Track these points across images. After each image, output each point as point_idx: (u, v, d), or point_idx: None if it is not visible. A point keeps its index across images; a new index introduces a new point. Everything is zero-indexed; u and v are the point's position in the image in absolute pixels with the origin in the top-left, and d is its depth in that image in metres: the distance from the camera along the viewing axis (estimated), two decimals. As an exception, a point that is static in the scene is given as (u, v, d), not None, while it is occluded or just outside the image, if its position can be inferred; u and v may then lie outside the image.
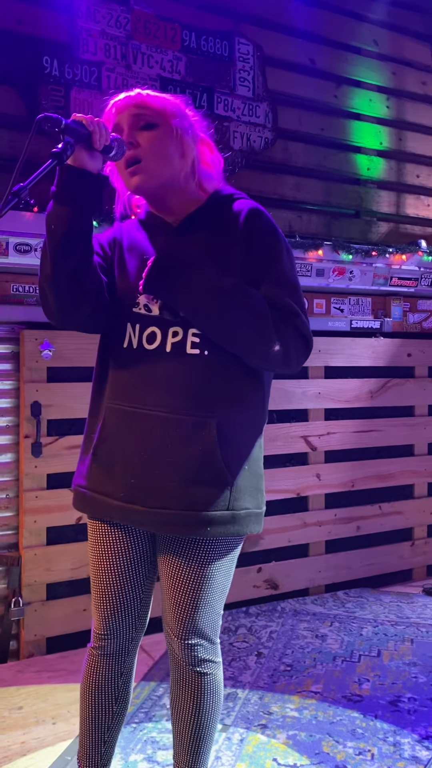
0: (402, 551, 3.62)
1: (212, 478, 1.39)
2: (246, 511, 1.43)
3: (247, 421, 1.45)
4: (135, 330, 1.43)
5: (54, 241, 1.33)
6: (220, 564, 1.46)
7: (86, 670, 1.58)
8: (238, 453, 1.42)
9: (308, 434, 3.34)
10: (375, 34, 3.77)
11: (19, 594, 2.65)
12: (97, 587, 1.52)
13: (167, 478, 1.38)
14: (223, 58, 3.32)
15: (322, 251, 3.36)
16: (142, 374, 1.41)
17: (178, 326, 1.40)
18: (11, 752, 2.03)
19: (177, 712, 1.55)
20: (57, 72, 2.89)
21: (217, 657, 1.54)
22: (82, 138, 1.30)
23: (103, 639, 1.54)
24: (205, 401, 1.38)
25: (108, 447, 1.44)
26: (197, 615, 1.46)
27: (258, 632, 2.88)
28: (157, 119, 1.42)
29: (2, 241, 2.60)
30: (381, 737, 2.10)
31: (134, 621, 1.54)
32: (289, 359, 1.39)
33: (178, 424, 1.38)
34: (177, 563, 1.45)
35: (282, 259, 1.43)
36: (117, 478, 1.42)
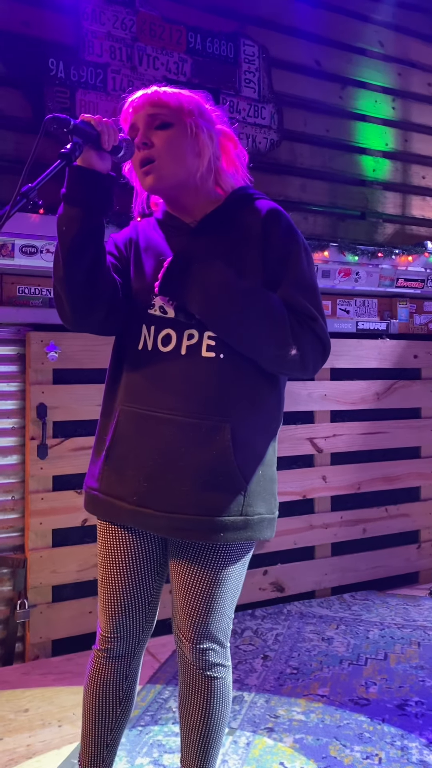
0: (408, 554, 3.60)
1: (226, 482, 1.37)
2: (259, 516, 1.42)
3: (262, 425, 1.44)
4: (150, 332, 1.42)
5: (65, 242, 1.32)
6: (232, 569, 1.45)
7: (91, 672, 1.57)
8: (252, 457, 1.41)
9: (314, 436, 3.33)
10: (380, 35, 3.77)
11: (25, 596, 2.64)
12: (105, 588, 1.51)
13: (181, 482, 1.37)
14: (228, 59, 3.32)
15: (327, 252, 3.35)
16: (157, 377, 1.40)
17: (194, 329, 1.38)
18: (17, 755, 2.03)
19: (186, 715, 1.54)
20: (63, 74, 2.89)
21: (228, 661, 1.53)
22: (91, 138, 1.29)
23: (110, 641, 1.52)
24: (220, 405, 1.37)
25: (121, 450, 1.43)
26: (210, 620, 1.45)
27: (264, 635, 2.87)
28: (173, 118, 1.40)
29: (8, 243, 2.60)
30: (388, 741, 2.09)
31: (142, 623, 1.53)
32: (306, 364, 1.38)
33: (192, 428, 1.36)
34: (189, 568, 1.44)
35: (301, 262, 1.41)
36: (129, 482, 1.41)
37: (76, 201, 1.32)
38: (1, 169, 2.73)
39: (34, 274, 2.74)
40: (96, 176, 1.33)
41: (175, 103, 1.41)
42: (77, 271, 1.34)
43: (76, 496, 2.73)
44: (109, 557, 1.50)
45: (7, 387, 2.68)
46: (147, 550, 1.50)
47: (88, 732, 1.58)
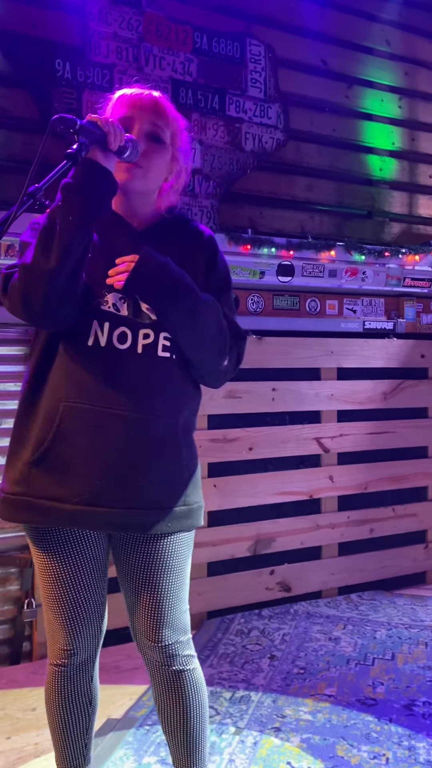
0: (416, 554, 3.59)
1: (176, 475, 1.46)
2: (196, 504, 1.51)
3: (193, 422, 1.55)
4: (103, 328, 1.39)
5: (68, 232, 1.28)
6: (180, 558, 1.48)
7: (53, 685, 1.53)
8: (191, 451, 1.52)
9: (321, 436, 3.32)
10: (387, 34, 3.76)
11: (32, 595, 2.65)
12: (56, 603, 1.46)
13: (135, 477, 1.39)
14: (234, 59, 3.32)
15: (334, 252, 3.35)
16: (111, 374, 1.38)
17: (149, 329, 1.42)
18: (25, 753, 2.03)
19: (165, 716, 1.53)
20: (69, 75, 2.90)
21: (192, 650, 1.53)
22: (97, 139, 1.30)
23: (72, 654, 1.49)
24: (171, 403, 1.45)
25: (65, 448, 1.37)
26: (171, 613, 1.46)
27: (271, 635, 2.87)
28: (167, 138, 1.49)
29: (15, 244, 2.60)
30: (395, 741, 2.09)
31: (98, 627, 1.52)
32: (226, 376, 1.53)
33: (147, 425, 1.40)
34: (139, 564, 1.46)
35: (230, 287, 1.57)
36: (75, 481, 1.36)
37: (85, 192, 1.30)
38: (8, 170, 2.74)
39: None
40: (107, 172, 1.34)
41: (174, 125, 1.50)
42: (69, 265, 1.29)
43: (83, 495, 2.73)
44: (52, 569, 1.44)
45: (14, 387, 2.69)
46: (90, 551, 1.46)
47: (63, 741, 1.56)
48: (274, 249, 3.20)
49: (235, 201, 3.32)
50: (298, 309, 3.40)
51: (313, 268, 3.31)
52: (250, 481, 3.14)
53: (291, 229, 3.47)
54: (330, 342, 3.35)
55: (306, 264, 3.29)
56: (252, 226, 3.33)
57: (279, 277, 3.25)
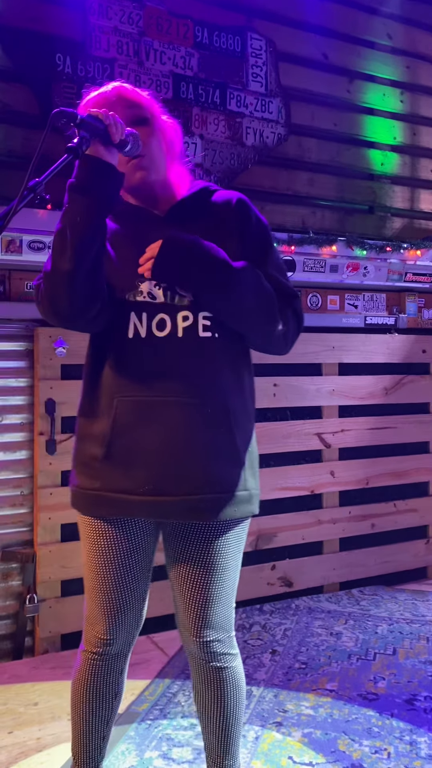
0: (417, 549, 3.59)
1: (231, 460, 1.43)
2: (255, 490, 1.49)
3: (248, 406, 1.50)
4: (142, 319, 1.40)
5: (78, 234, 1.29)
6: (230, 555, 1.47)
7: (84, 673, 1.54)
8: (246, 435, 1.47)
9: (322, 431, 3.32)
10: (388, 28, 3.74)
11: (34, 591, 2.66)
12: (101, 588, 1.48)
13: (194, 463, 1.39)
14: (235, 53, 3.31)
15: (336, 247, 3.34)
16: (155, 362, 1.40)
17: (187, 310, 1.40)
18: (27, 748, 2.04)
19: (202, 707, 1.56)
20: (70, 69, 2.89)
21: (234, 649, 1.54)
22: (98, 132, 1.29)
23: (108, 643, 1.51)
24: (220, 385, 1.41)
25: (125, 442, 1.41)
26: (211, 609, 1.47)
27: (272, 630, 2.88)
28: (147, 114, 1.46)
29: (16, 239, 2.60)
30: (397, 736, 2.09)
31: (136, 619, 1.54)
32: (287, 340, 1.47)
33: (199, 409, 1.39)
34: (186, 558, 1.46)
35: (273, 246, 1.50)
36: (139, 472, 1.40)
37: (88, 191, 1.31)
38: (9, 165, 2.73)
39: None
40: (109, 166, 1.33)
41: (146, 102, 1.48)
42: (85, 264, 1.31)
43: (85, 491, 2.73)
44: (102, 557, 1.47)
45: (15, 383, 2.69)
46: (139, 545, 1.48)
47: (83, 728, 1.57)
48: (276, 244, 3.19)
49: (237, 196, 3.31)
50: (299, 304, 3.39)
51: (314, 263, 3.31)
52: (251, 476, 3.14)
53: (292, 224, 3.46)
54: (331, 337, 3.34)
55: (307, 259, 3.29)
56: (253, 221, 3.32)
57: (280, 272, 3.24)
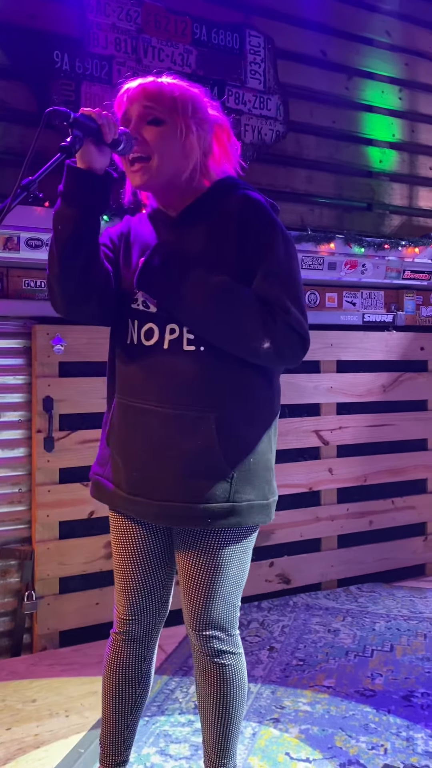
0: (415, 546, 3.60)
1: (212, 471, 1.40)
2: (248, 503, 1.44)
3: (250, 415, 1.44)
4: (134, 326, 1.45)
5: (61, 241, 1.35)
6: (230, 555, 1.47)
7: (110, 655, 1.62)
8: (239, 446, 1.43)
9: (320, 429, 3.33)
10: (387, 25, 3.73)
11: (32, 588, 2.66)
12: (121, 572, 1.57)
13: (168, 471, 1.41)
14: (233, 50, 3.30)
15: (334, 244, 3.34)
16: (143, 370, 1.44)
17: (175, 323, 1.41)
18: (25, 744, 2.05)
19: (202, 701, 1.59)
20: (68, 66, 2.89)
21: (237, 648, 1.56)
22: (91, 132, 1.29)
23: (129, 623, 1.58)
24: (204, 396, 1.40)
25: (115, 440, 1.50)
26: (210, 606, 1.48)
27: (270, 626, 2.88)
28: (165, 115, 1.40)
29: (13, 236, 2.60)
30: (394, 732, 2.10)
31: (157, 606, 1.58)
32: (282, 355, 1.39)
33: (176, 420, 1.40)
34: (189, 555, 1.48)
35: (277, 251, 1.39)
36: (122, 470, 1.48)
37: (72, 202, 1.33)
38: (6, 163, 2.73)
39: (40, 268, 2.74)
40: (94, 178, 1.33)
41: (170, 100, 1.40)
42: (71, 268, 1.37)
43: (83, 488, 2.74)
44: (120, 542, 1.56)
45: (13, 380, 2.69)
46: (151, 535, 1.54)
47: (109, 714, 1.64)
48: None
49: (235, 193, 3.30)
50: (297, 302, 3.38)
51: (312, 260, 3.31)
52: (249, 473, 3.14)
53: (290, 221, 3.45)
54: (329, 335, 3.34)
55: (305, 256, 3.28)
56: (251, 219, 3.31)
57: (278, 269, 3.24)
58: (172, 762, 1.95)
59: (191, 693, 2.31)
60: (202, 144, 1.44)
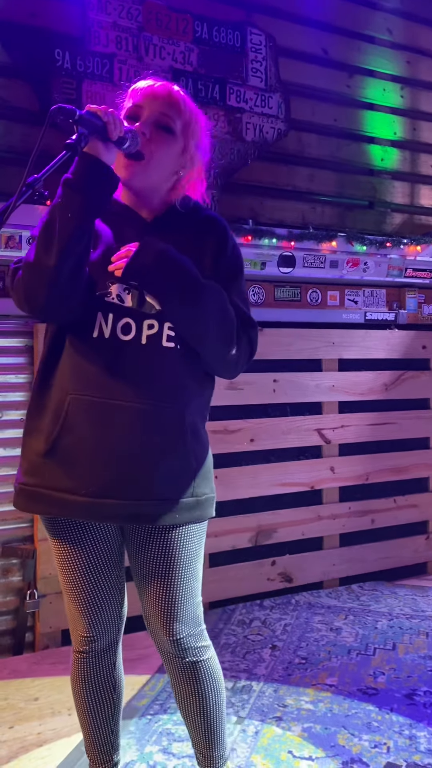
0: (417, 544, 3.60)
1: (183, 466, 1.44)
2: (205, 496, 1.49)
3: (203, 412, 1.52)
4: (107, 320, 1.40)
5: (67, 230, 1.29)
6: (191, 550, 1.48)
7: (77, 672, 1.57)
8: (200, 441, 1.49)
9: (322, 427, 3.32)
10: (389, 23, 3.73)
11: (34, 586, 2.66)
12: (74, 590, 1.49)
13: (142, 468, 1.39)
14: (235, 48, 3.30)
15: (335, 243, 3.34)
16: (115, 365, 1.38)
17: (153, 319, 1.40)
18: (27, 743, 2.05)
19: (182, 704, 1.57)
20: (69, 65, 2.88)
21: (205, 641, 1.54)
22: (97, 129, 1.29)
23: (92, 641, 1.52)
24: (178, 393, 1.43)
25: (71, 440, 1.38)
26: (184, 608, 1.47)
27: (272, 625, 2.88)
28: (177, 128, 1.44)
29: (15, 235, 2.60)
30: (396, 730, 2.10)
31: (116, 615, 1.55)
32: (238, 366, 1.49)
33: (150, 415, 1.39)
34: (150, 556, 1.46)
35: (242, 275, 1.53)
36: (82, 473, 1.38)
37: (84, 190, 1.30)
38: (9, 161, 2.73)
39: (42, 266, 2.74)
40: (106, 168, 1.32)
41: (186, 116, 1.46)
42: (69, 262, 1.30)
43: (85, 487, 2.74)
44: (71, 559, 1.47)
45: (15, 379, 2.69)
46: (102, 541, 1.48)
47: (90, 727, 1.60)
48: (275, 240, 3.19)
49: (236, 192, 3.31)
50: (299, 300, 3.39)
51: (314, 258, 3.31)
52: (251, 472, 3.15)
53: (292, 219, 3.45)
54: (331, 333, 3.34)
55: (307, 255, 3.28)
56: (253, 217, 3.32)
57: (280, 268, 3.25)
58: (175, 760, 1.95)
59: (194, 691, 2.31)
60: (188, 166, 1.50)
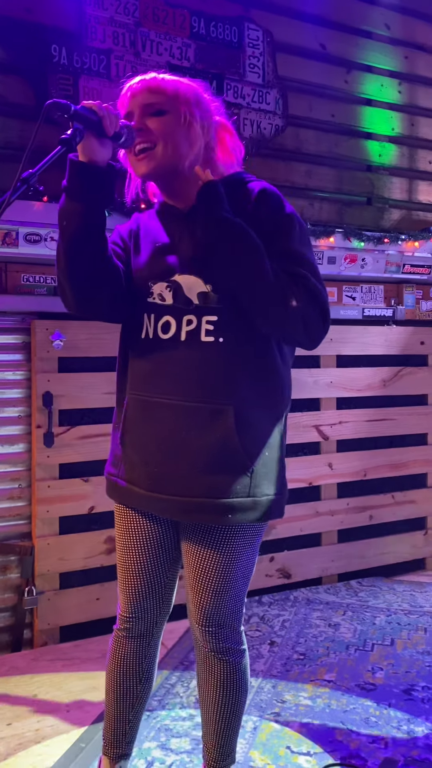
0: (415, 540, 3.60)
1: (232, 465, 1.40)
2: (267, 497, 1.44)
3: (265, 408, 1.45)
4: (150, 320, 1.45)
5: (67, 236, 1.35)
6: (242, 552, 1.47)
7: (112, 650, 1.62)
8: (257, 439, 1.42)
9: (320, 423, 3.32)
10: (387, 18, 3.72)
11: (33, 583, 2.66)
12: (123, 569, 1.56)
13: (187, 466, 1.40)
14: (232, 44, 3.28)
15: (333, 239, 3.33)
16: (159, 364, 1.43)
17: (192, 314, 1.40)
18: (26, 739, 2.05)
19: (203, 695, 1.59)
20: (66, 60, 2.87)
21: (241, 644, 1.56)
22: (92, 124, 1.28)
23: (129, 621, 1.58)
24: (221, 388, 1.39)
25: (131, 437, 1.48)
26: (218, 602, 1.47)
27: (271, 621, 2.89)
28: (168, 106, 1.41)
29: (12, 231, 2.59)
30: (395, 726, 2.10)
31: (159, 604, 1.58)
32: (308, 319, 1.36)
33: (194, 412, 1.39)
34: (199, 551, 1.47)
35: (291, 238, 1.40)
36: (140, 467, 1.46)
37: (77, 196, 1.33)
38: (5, 157, 2.72)
39: (39, 263, 2.74)
40: (96, 171, 1.33)
41: (172, 91, 1.42)
42: (78, 263, 1.37)
43: (83, 483, 2.74)
44: (125, 540, 1.55)
45: (12, 375, 2.69)
46: (161, 533, 1.53)
47: (111, 709, 1.64)
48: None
49: (234, 188, 3.29)
50: (297, 296, 3.38)
51: (312, 255, 3.30)
52: (249, 468, 3.14)
53: (290, 215, 3.44)
54: (329, 329, 3.33)
55: (305, 251, 3.27)
56: (251, 213, 3.30)
57: (278, 264, 3.23)
58: (173, 756, 1.95)
59: (192, 687, 2.31)
60: (206, 133, 1.45)
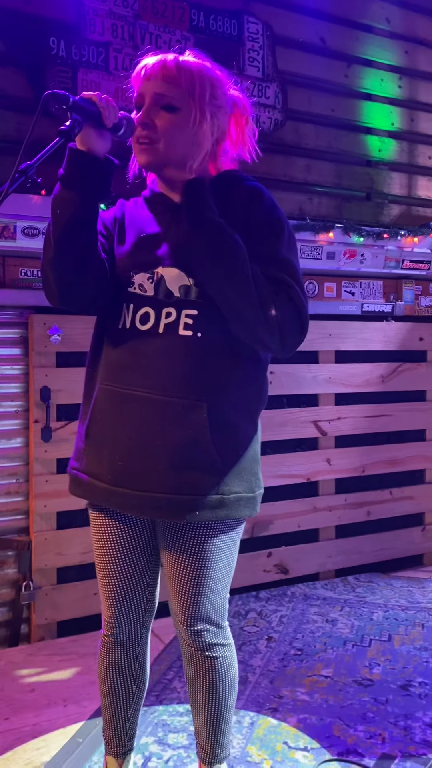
0: (413, 536, 3.60)
1: (201, 462, 1.37)
2: (236, 495, 1.41)
3: (241, 405, 1.42)
4: (129, 310, 1.41)
5: (59, 225, 1.32)
6: (218, 549, 1.45)
7: (101, 657, 1.60)
8: (230, 436, 1.40)
9: (318, 419, 3.32)
10: (387, 12, 3.70)
11: (30, 578, 2.66)
12: (103, 576, 1.53)
13: (157, 461, 1.36)
14: (232, 37, 3.26)
15: (332, 234, 3.32)
16: (134, 355, 1.38)
17: (172, 307, 1.37)
18: (23, 734, 2.04)
19: (193, 695, 1.58)
20: (64, 53, 2.85)
21: (227, 639, 1.54)
22: (91, 116, 1.27)
23: (114, 627, 1.55)
24: (196, 384, 1.36)
25: (98, 428, 1.42)
26: (199, 600, 1.46)
27: (268, 616, 2.88)
28: (180, 102, 1.37)
29: (10, 225, 2.58)
30: (392, 721, 2.10)
31: (143, 606, 1.55)
32: (284, 330, 1.32)
33: (168, 407, 1.35)
34: (174, 551, 1.44)
35: (280, 242, 1.38)
36: (105, 461, 1.40)
37: (73, 185, 1.31)
38: (2, 150, 2.70)
39: (37, 257, 2.72)
40: (95, 161, 1.31)
41: (188, 83, 1.36)
42: (68, 253, 1.33)
43: (81, 478, 2.73)
44: (100, 543, 1.51)
45: (10, 370, 2.68)
46: (136, 536, 1.50)
47: (108, 709, 1.63)
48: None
49: (233, 182, 3.28)
50: (296, 291, 3.37)
51: (311, 250, 3.29)
52: (247, 464, 3.14)
53: (289, 210, 3.43)
54: (328, 325, 3.33)
55: (304, 246, 3.26)
56: (250, 208, 3.29)
57: (277, 259, 3.22)
58: (171, 751, 1.95)
59: (189, 683, 2.31)
60: (216, 131, 1.43)
